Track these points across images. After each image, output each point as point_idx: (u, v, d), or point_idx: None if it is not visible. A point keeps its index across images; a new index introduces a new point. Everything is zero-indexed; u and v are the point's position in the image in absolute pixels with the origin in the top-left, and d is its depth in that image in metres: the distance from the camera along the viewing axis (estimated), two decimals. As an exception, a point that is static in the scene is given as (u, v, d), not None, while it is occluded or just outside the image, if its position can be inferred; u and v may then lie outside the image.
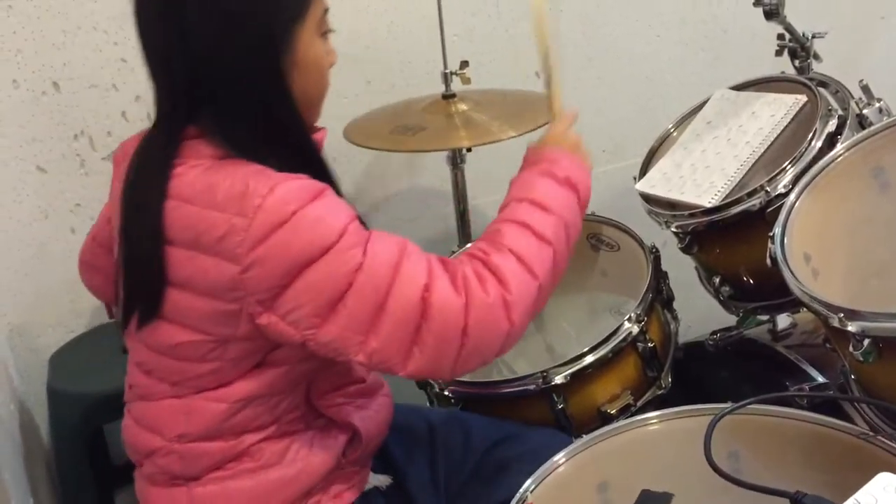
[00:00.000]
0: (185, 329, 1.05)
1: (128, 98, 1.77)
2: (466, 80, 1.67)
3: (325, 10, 1.09)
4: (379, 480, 1.25)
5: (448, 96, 1.68)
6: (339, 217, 1.01)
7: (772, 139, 1.46)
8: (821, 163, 1.27)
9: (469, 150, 1.71)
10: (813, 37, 1.60)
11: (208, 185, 1.01)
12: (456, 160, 1.76)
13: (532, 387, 1.36)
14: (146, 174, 1.06)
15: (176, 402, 1.10)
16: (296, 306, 1.00)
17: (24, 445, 1.63)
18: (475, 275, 1.04)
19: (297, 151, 1.07)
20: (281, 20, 1.02)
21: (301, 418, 1.15)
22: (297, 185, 1.00)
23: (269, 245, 0.97)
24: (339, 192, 1.07)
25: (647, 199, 1.54)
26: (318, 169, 1.08)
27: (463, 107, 1.65)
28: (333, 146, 1.92)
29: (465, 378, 1.44)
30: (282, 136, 1.06)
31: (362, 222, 1.06)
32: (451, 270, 1.04)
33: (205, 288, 1.02)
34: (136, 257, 1.07)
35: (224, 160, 1.03)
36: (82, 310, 1.85)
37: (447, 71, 1.68)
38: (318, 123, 1.17)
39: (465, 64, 1.67)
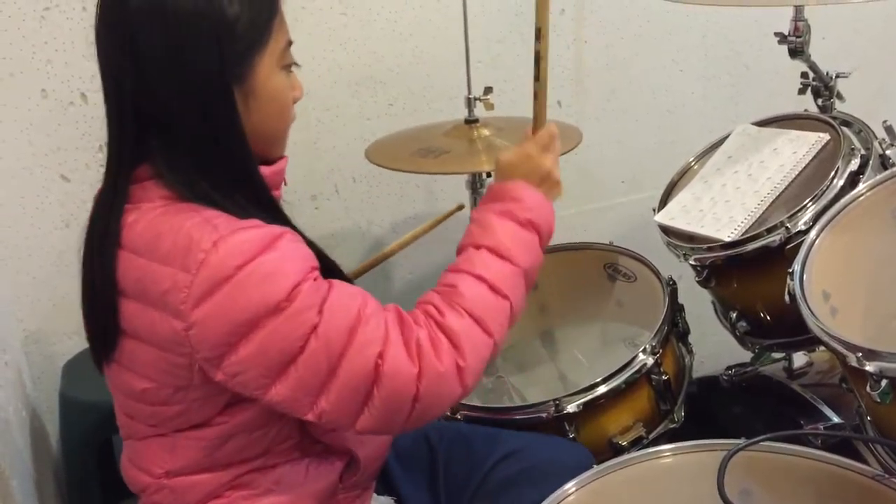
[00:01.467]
0: (143, 378, 1.04)
1: (153, 111, 1.79)
2: (490, 106, 1.68)
3: (289, 43, 1.06)
4: (382, 502, 1.24)
5: (471, 121, 1.69)
6: (290, 272, 0.96)
7: (793, 176, 1.46)
8: (842, 201, 1.27)
9: (489, 174, 1.72)
10: (837, 76, 1.60)
11: (154, 235, 0.98)
12: (476, 185, 1.76)
13: (544, 415, 1.36)
14: (99, 222, 1.04)
15: (160, 440, 1.08)
16: (244, 368, 0.96)
17: (33, 452, 1.63)
18: (429, 340, 1.01)
19: (250, 191, 1.03)
20: (235, 49, 0.98)
21: (296, 446, 1.12)
22: (245, 237, 0.95)
23: (213, 303, 0.93)
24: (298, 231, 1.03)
25: (666, 231, 1.54)
26: (271, 210, 1.05)
27: (485, 132, 1.66)
28: (354, 166, 1.95)
29: (477, 403, 1.43)
30: (232, 172, 1.02)
31: (327, 265, 1.02)
32: (406, 334, 1.01)
33: (155, 340, 0.99)
34: (92, 305, 1.06)
35: (176, 203, 1.00)
36: (98, 319, 1.86)
37: (471, 96, 1.69)
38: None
39: (489, 90, 1.68)
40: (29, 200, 1.75)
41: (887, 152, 1.39)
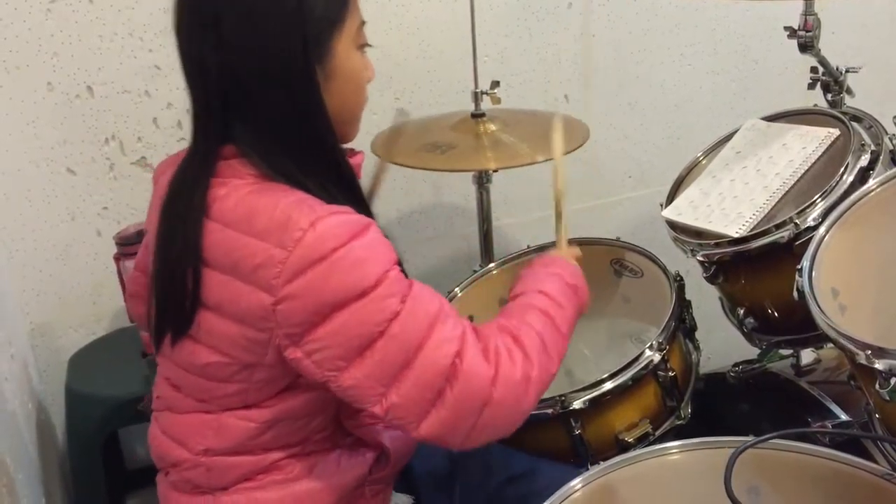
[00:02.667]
0: (213, 351, 1.04)
1: (160, 105, 1.79)
2: (496, 100, 1.67)
3: (362, 23, 1.09)
4: (401, 500, 1.25)
5: (477, 115, 1.68)
6: (379, 260, 0.98)
7: (802, 171, 1.45)
8: (852, 197, 1.26)
9: (496, 170, 1.71)
10: (847, 71, 1.59)
11: (249, 210, 0.99)
12: (482, 180, 1.76)
13: (550, 411, 1.35)
14: (184, 192, 1.05)
15: (205, 417, 1.09)
16: (323, 346, 0.98)
17: (39, 446, 1.63)
18: (506, 348, 1.04)
19: (336, 175, 1.05)
20: (315, 29, 1.01)
21: (329, 437, 1.14)
22: (339, 220, 0.97)
23: (305, 281, 0.95)
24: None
25: (674, 226, 1.53)
26: (357, 198, 1.07)
27: (492, 126, 1.65)
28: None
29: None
30: (318, 152, 1.04)
31: (402, 268, 1.04)
32: (483, 340, 1.03)
33: (237, 313, 1.00)
34: (171, 275, 1.05)
35: (265, 182, 1.01)
36: (104, 312, 1.86)
37: (478, 90, 1.68)
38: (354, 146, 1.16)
39: (495, 84, 1.67)
40: (35, 194, 1.76)
41: (898, 148, 1.38)
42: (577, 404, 1.34)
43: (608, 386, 1.36)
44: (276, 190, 1.00)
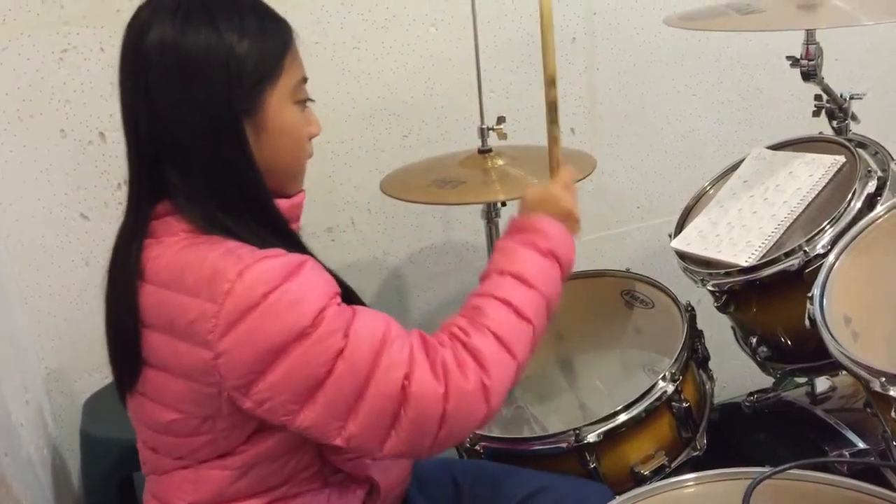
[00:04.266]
0: (170, 409, 1.05)
1: (171, 148, 1.81)
2: (503, 136, 1.68)
3: (303, 79, 1.09)
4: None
5: (484, 151, 1.69)
6: (315, 298, 0.97)
7: (810, 199, 1.45)
8: (860, 224, 1.26)
9: (504, 204, 1.72)
10: (851, 98, 1.59)
11: (180, 268, 1.00)
12: (491, 214, 1.76)
13: (564, 444, 1.34)
14: (120, 256, 1.07)
15: (183, 473, 1.09)
16: (272, 394, 0.97)
17: (55, 490, 1.63)
18: (455, 360, 1.02)
19: (266, 221, 1.05)
20: (244, 83, 1.01)
21: (316, 475, 1.13)
22: (269, 265, 0.97)
23: (240, 331, 0.95)
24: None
25: (683, 256, 1.53)
26: (289, 240, 1.07)
27: (499, 161, 1.66)
28: (370, 198, 1.96)
29: (497, 434, 1.43)
30: (247, 202, 1.04)
31: (347, 292, 1.04)
32: (431, 356, 1.02)
33: (182, 371, 1.01)
34: (115, 338, 1.08)
35: (198, 236, 1.02)
36: (118, 356, 1.86)
37: (484, 126, 1.70)
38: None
39: (501, 119, 1.69)
40: (49, 240, 1.77)
41: (905, 173, 1.38)
42: (591, 437, 1.34)
43: (622, 418, 1.35)
44: (206, 243, 1.00)
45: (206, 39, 1.00)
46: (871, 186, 1.36)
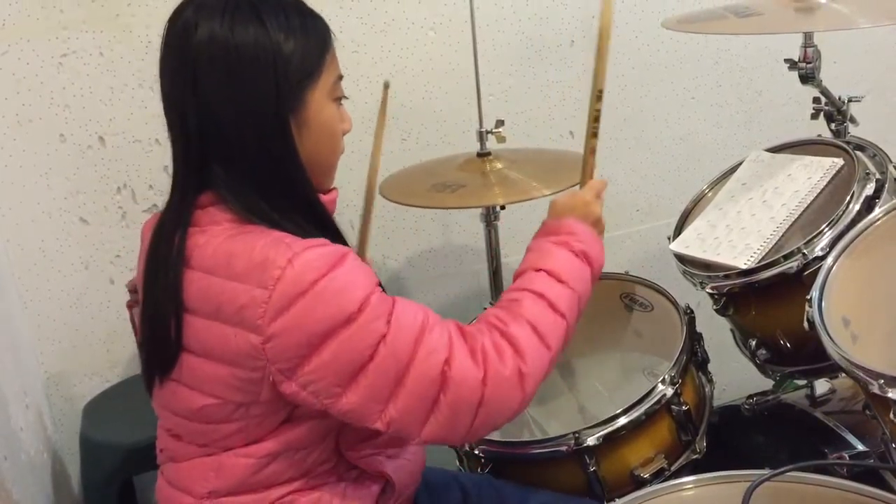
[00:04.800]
0: (206, 395, 1.06)
1: (170, 153, 1.80)
2: (501, 139, 1.68)
3: (339, 77, 1.12)
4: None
5: (483, 154, 1.69)
6: (360, 286, 1.01)
7: (808, 201, 1.45)
8: (859, 226, 1.26)
9: (503, 207, 1.72)
10: (849, 100, 1.60)
11: (228, 255, 1.02)
12: (490, 217, 1.77)
13: (564, 448, 1.34)
14: (164, 242, 1.08)
15: (206, 460, 1.10)
16: (317, 377, 1.00)
17: (54, 494, 1.63)
18: (493, 346, 1.06)
19: (310, 214, 1.08)
20: (290, 80, 1.04)
21: (332, 470, 1.15)
22: (316, 253, 1.00)
23: (290, 316, 0.98)
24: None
25: (682, 259, 1.53)
26: (332, 232, 1.10)
27: (498, 165, 1.67)
28: (369, 202, 1.95)
29: (497, 438, 1.42)
30: (292, 197, 1.07)
31: (382, 288, 1.06)
32: (469, 342, 1.05)
33: (226, 356, 1.03)
34: (154, 321, 1.09)
35: (242, 225, 1.04)
36: (118, 360, 1.87)
37: (483, 130, 1.70)
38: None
39: (500, 123, 1.69)
40: (49, 244, 1.78)
41: (903, 175, 1.38)
42: (591, 441, 1.34)
43: (622, 421, 1.35)
44: (253, 232, 1.03)
45: (254, 36, 1.02)
46: (870, 189, 1.36)
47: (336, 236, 1.09)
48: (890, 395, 0.98)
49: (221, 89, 1.03)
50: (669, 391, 1.38)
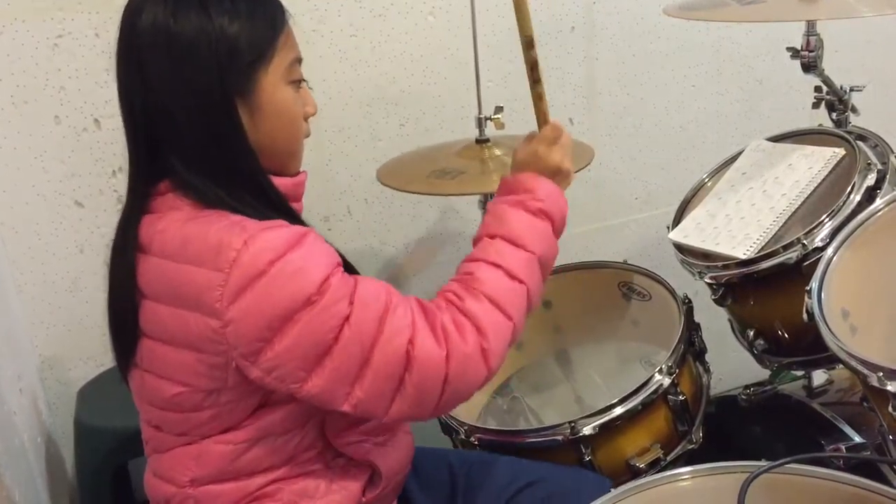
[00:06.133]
0: (175, 383, 1.06)
1: (166, 136, 1.80)
2: (500, 126, 1.67)
3: (297, 60, 1.10)
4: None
5: (482, 141, 1.68)
6: (319, 266, 1.00)
7: (809, 192, 1.44)
8: (859, 217, 1.26)
9: (501, 194, 1.71)
10: (851, 90, 1.59)
11: (184, 239, 1.01)
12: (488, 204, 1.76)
13: (560, 437, 1.34)
14: (121, 229, 1.09)
15: (187, 449, 1.10)
16: (281, 362, 0.99)
17: (48, 479, 1.63)
18: (453, 323, 1.05)
19: (263, 198, 1.06)
20: (235, 63, 1.03)
21: (318, 457, 1.14)
22: (273, 235, 0.99)
23: (247, 300, 0.97)
24: None
25: (681, 248, 1.53)
26: (290, 215, 1.08)
27: (497, 151, 1.65)
28: (367, 187, 1.95)
29: (493, 426, 1.42)
30: (244, 181, 1.06)
31: (347, 266, 1.06)
32: (430, 319, 1.05)
33: (190, 342, 1.02)
34: (114, 309, 1.11)
35: (200, 210, 1.04)
36: (112, 344, 1.86)
37: (482, 116, 1.69)
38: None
39: (499, 109, 1.67)
40: (43, 227, 1.76)
41: (904, 166, 1.38)
42: (587, 430, 1.34)
43: (618, 411, 1.35)
44: (210, 216, 1.02)
45: (196, 21, 1.01)
46: (871, 179, 1.35)
47: (295, 220, 1.07)
48: (889, 387, 0.98)
49: (165, 75, 1.02)
50: (666, 381, 1.37)
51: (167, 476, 1.12)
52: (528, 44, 1.24)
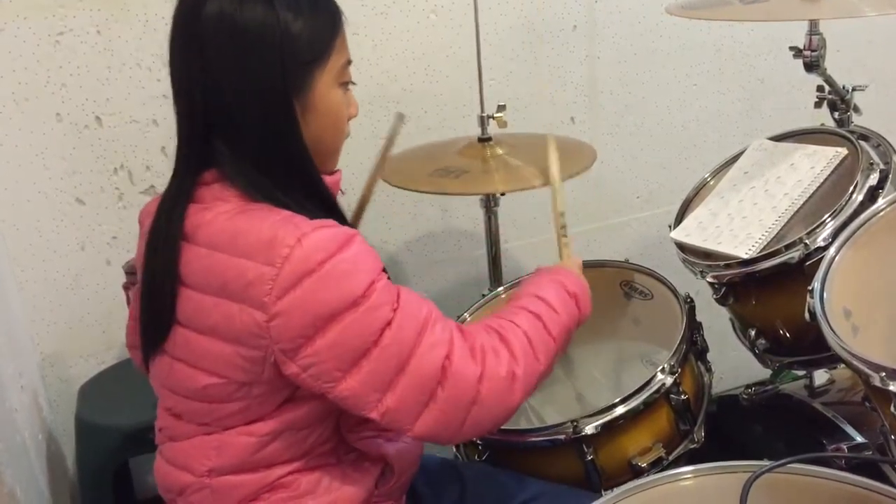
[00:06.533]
0: (209, 374, 1.06)
1: (167, 133, 1.79)
2: (503, 124, 1.67)
3: (348, 62, 1.12)
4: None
5: (484, 139, 1.68)
6: (367, 269, 1.01)
7: (811, 191, 1.44)
8: (862, 217, 1.25)
9: (503, 193, 1.71)
10: (853, 89, 1.58)
11: (235, 232, 1.02)
12: (489, 203, 1.76)
13: (562, 437, 1.34)
14: (164, 216, 1.09)
15: (206, 438, 1.10)
16: (318, 360, 1.00)
17: (49, 476, 1.63)
18: (491, 347, 1.08)
19: (313, 194, 1.08)
20: (297, 62, 1.04)
21: (332, 451, 1.15)
22: (325, 234, 1.00)
23: (296, 295, 0.98)
24: None
25: (682, 248, 1.52)
26: (335, 213, 1.10)
27: (499, 150, 1.65)
28: (368, 186, 1.94)
29: (494, 425, 1.42)
30: (294, 177, 1.07)
31: (388, 277, 1.07)
32: (469, 340, 1.07)
33: (230, 334, 1.02)
34: (151, 293, 1.10)
35: (248, 203, 1.05)
36: (114, 341, 1.86)
37: (484, 114, 1.69)
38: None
39: (501, 107, 1.67)
40: (45, 224, 1.76)
41: (907, 166, 1.37)
42: (589, 429, 1.33)
43: (620, 410, 1.35)
44: (260, 210, 1.03)
45: (262, 14, 1.02)
46: (873, 179, 1.35)
47: (340, 218, 1.09)
48: (891, 387, 0.98)
49: (227, 66, 1.03)
50: (668, 380, 1.37)
51: (183, 464, 1.12)
52: (560, 214, 1.40)
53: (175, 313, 1.07)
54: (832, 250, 1.22)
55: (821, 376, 1.64)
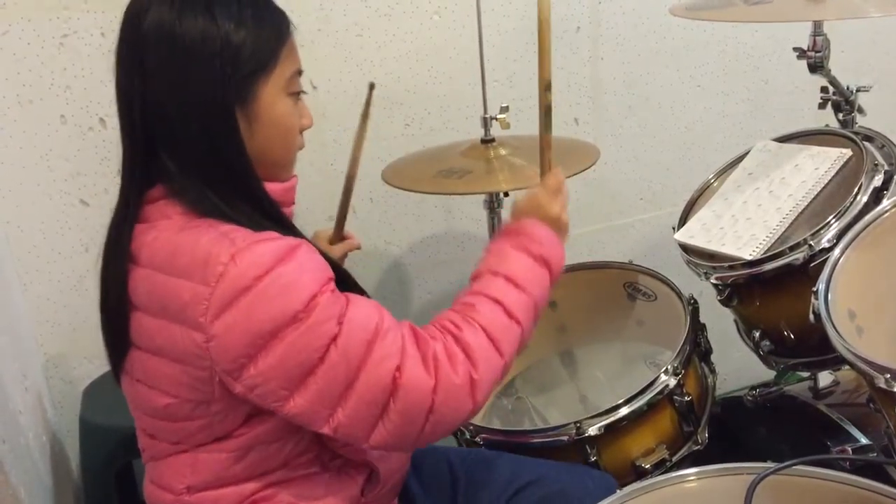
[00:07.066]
0: (164, 394, 1.05)
1: (171, 135, 1.80)
2: (506, 125, 1.67)
3: (298, 72, 1.09)
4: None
5: (487, 141, 1.68)
6: (309, 282, 0.98)
7: (815, 192, 1.44)
8: (866, 218, 1.25)
9: (507, 194, 1.71)
10: (857, 90, 1.58)
11: (173, 250, 1.00)
12: (493, 204, 1.76)
13: (565, 438, 1.34)
14: (112, 238, 1.08)
15: (181, 457, 1.10)
16: (263, 380, 0.98)
17: (53, 477, 1.63)
18: (446, 352, 1.03)
19: (258, 206, 1.05)
20: (238, 71, 1.02)
21: (315, 460, 1.13)
22: (262, 249, 0.97)
23: (232, 315, 0.95)
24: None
25: (686, 249, 1.52)
26: (283, 224, 1.07)
27: (502, 151, 1.65)
28: (371, 186, 1.94)
29: (497, 426, 1.42)
30: (239, 189, 1.04)
31: (346, 279, 1.05)
32: (422, 347, 1.03)
33: (176, 355, 1.01)
34: (107, 318, 1.09)
35: (193, 219, 1.02)
36: (117, 343, 1.86)
37: (487, 115, 1.69)
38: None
39: (504, 109, 1.67)
40: (49, 225, 1.76)
41: (912, 167, 1.37)
42: (592, 430, 1.33)
43: (624, 411, 1.35)
44: (200, 226, 1.01)
45: (202, 26, 1.00)
46: (878, 180, 1.35)
47: (287, 228, 1.06)
48: (895, 389, 0.97)
49: (167, 78, 1.00)
50: (672, 381, 1.37)
51: (164, 483, 1.12)
52: (546, 87, 1.27)
53: (129, 336, 1.06)
54: (836, 252, 1.22)
55: (825, 378, 1.64)
